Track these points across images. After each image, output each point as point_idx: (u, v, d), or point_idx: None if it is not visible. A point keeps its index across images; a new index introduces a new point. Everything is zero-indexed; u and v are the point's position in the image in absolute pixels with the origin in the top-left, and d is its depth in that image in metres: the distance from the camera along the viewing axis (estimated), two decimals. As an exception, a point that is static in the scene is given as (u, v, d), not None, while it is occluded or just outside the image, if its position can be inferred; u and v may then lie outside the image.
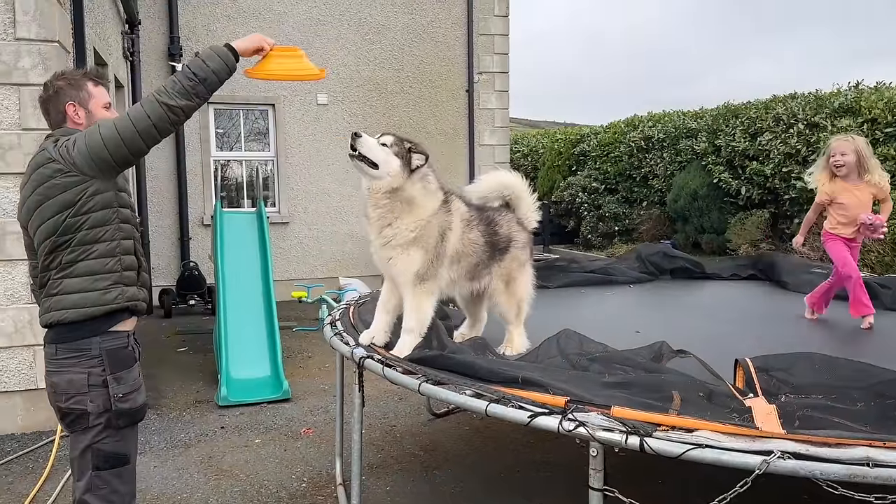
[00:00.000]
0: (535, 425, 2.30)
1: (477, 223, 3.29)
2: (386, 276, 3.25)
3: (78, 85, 2.64)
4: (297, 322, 8.69)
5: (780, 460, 1.93)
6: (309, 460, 4.57)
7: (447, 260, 3.14)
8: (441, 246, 3.09)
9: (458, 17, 11.37)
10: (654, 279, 5.63)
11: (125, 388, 2.57)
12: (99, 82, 2.71)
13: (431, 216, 3.07)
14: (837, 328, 4.23)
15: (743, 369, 2.73)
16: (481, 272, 3.35)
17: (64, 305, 2.53)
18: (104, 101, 2.70)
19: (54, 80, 2.67)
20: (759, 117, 12.03)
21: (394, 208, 3.02)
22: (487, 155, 11.66)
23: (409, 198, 3.03)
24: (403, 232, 3.02)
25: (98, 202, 2.51)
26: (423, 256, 3.04)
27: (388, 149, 3.00)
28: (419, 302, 3.08)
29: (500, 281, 3.45)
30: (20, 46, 4.89)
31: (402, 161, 3.01)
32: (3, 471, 4.44)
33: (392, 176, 2.99)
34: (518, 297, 3.51)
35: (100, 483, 2.56)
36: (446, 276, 3.17)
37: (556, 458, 4.46)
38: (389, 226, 3.03)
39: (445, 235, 3.11)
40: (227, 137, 10.83)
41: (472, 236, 3.25)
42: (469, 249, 3.23)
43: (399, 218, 3.02)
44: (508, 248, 3.43)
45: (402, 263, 3.04)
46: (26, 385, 5.05)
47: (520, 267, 3.50)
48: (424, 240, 3.04)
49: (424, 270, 3.05)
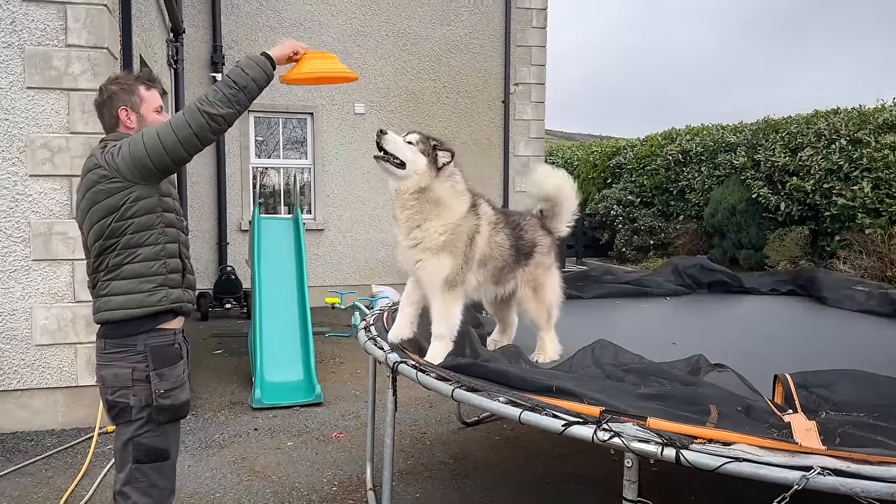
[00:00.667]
0: (570, 434, 2.28)
1: (503, 226, 3.27)
2: (412, 276, 3.24)
3: (130, 90, 2.71)
4: (330, 328, 8.76)
5: (821, 476, 1.89)
6: (340, 464, 4.60)
7: (475, 264, 3.12)
8: (470, 250, 3.07)
9: (495, 29, 11.42)
10: (691, 292, 5.56)
11: (167, 385, 2.62)
12: (151, 86, 2.77)
13: (461, 219, 3.05)
14: (880, 345, 4.13)
15: (782, 385, 2.68)
16: (506, 276, 3.34)
17: (111, 306, 2.61)
18: (155, 104, 2.76)
19: (108, 85, 2.74)
20: (799, 132, 11.84)
21: (422, 209, 3.00)
22: (522, 166, 11.65)
23: (438, 198, 3.01)
24: (433, 234, 3.00)
25: (141, 207, 2.57)
26: (452, 262, 3.02)
27: (413, 147, 2.99)
28: (447, 308, 3.06)
29: (527, 287, 3.43)
30: (70, 52, 5.04)
31: (428, 159, 2.99)
32: (43, 465, 4.55)
33: (419, 174, 2.97)
34: (547, 303, 3.49)
35: (139, 476, 2.62)
36: (473, 281, 3.16)
37: (587, 470, 4.42)
38: (418, 227, 3.01)
39: (474, 239, 3.09)
40: (265, 145, 11.00)
41: (499, 239, 3.23)
42: (496, 253, 3.21)
43: (428, 220, 3.00)
44: (533, 253, 3.42)
45: (431, 268, 3.02)
46: (67, 382, 5.17)
47: (546, 272, 3.49)
48: (454, 244, 3.02)
49: (454, 276, 3.03)
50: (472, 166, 11.20)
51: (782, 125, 12.47)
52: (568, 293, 5.22)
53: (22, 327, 5.08)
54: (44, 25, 4.98)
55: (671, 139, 15.47)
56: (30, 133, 5.01)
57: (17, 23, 4.94)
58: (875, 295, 4.86)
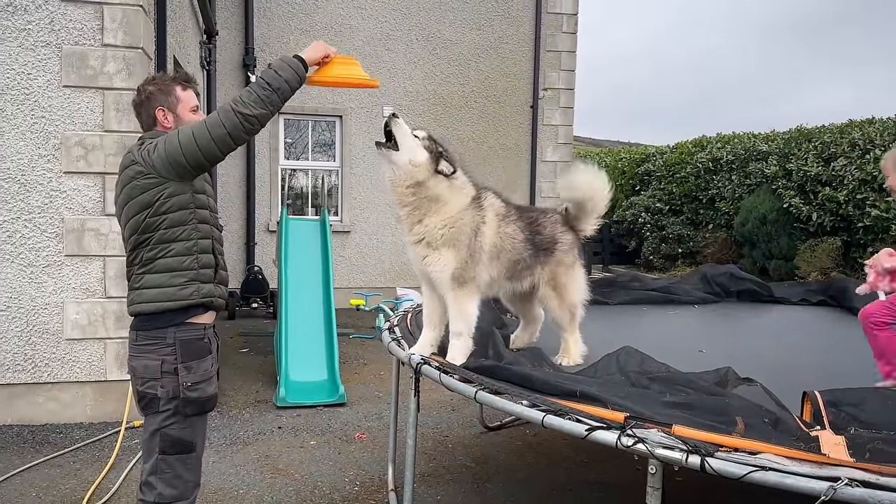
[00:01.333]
0: (593, 439, 2.27)
1: (515, 219, 3.23)
2: (424, 282, 3.21)
3: (167, 90, 2.76)
4: (354, 329, 8.80)
5: (848, 487, 1.85)
6: (362, 464, 4.61)
7: (485, 257, 3.09)
8: (475, 242, 3.04)
9: (525, 34, 11.40)
10: (719, 300, 5.49)
11: (194, 378, 2.66)
12: (188, 86, 2.82)
13: (461, 212, 3.04)
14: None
15: (811, 402, 2.63)
16: (522, 272, 3.29)
17: (144, 299, 2.66)
18: (192, 104, 2.81)
19: (146, 85, 2.81)
20: (833, 142, 11.65)
21: (420, 205, 3.01)
22: (549, 171, 11.61)
23: (436, 195, 3.01)
24: (434, 230, 3.01)
25: (174, 203, 2.62)
26: (455, 256, 3.00)
27: (419, 140, 3.00)
28: (461, 305, 3.06)
29: (548, 286, 3.38)
30: (106, 52, 5.13)
31: (430, 156, 2.99)
32: (71, 457, 4.62)
33: (414, 165, 2.96)
34: (570, 303, 3.43)
35: (164, 467, 2.66)
36: (486, 276, 3.12)
37: (610, 478, 4.38)
38: (419, 223, 3.02)
39: (479, 230, 3.06)
40: (294, 147, 11.10)
41: (510, 230, 3.19)
42: (507, 244, 3.17)
43: (428, 215, 3.01)
44: (553, 251, 3.36)
45: (437, 264, 3.02)
46: (96, 376, 5.26)
47: (567, 270, 3.42)
48: (456, 237, 3.01)
49: (461, 271, 3.01)
50: (500, 171, 11.21)
51: (815, 134, 12.28)
52: (594, 299, 5.20)
53: (53, 321, 5.18)
54: (81, 25, 5.09)
55: (702, 147, 15.31)
56: (65, 131, 5.11)
57: (55, 22, 5.05)
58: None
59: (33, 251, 5.12)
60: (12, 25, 4.99)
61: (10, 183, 5.05)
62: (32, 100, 5.05)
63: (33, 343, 5.15)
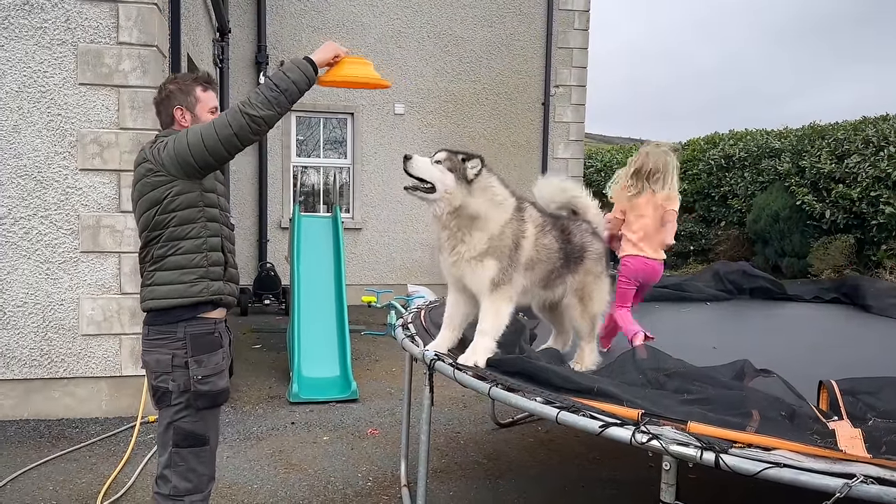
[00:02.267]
0: (607, 436, 2.27)
1: (550, 228, 3.23)
2: (452, 285, 3.19)
3: (187, 90, 2.80)
4: (366, 326, 8.83)
5: (864, 485, 1.85)
6: (374, 460, 4.63)
7: (522, 267, 3.09)
8: (515, 254, 3.03)
9: (537, 31, 11.39)
10: (732, 298, 5.47)
11: (205, 371, 2.70)
12: (208, 87, 2.86)
13: (504, 226, 3.01)
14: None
15: (827, 391, 2.64)
16: (555, 281, 3.30)
17: (155, 295, 2.71)
18: (210, 105, 2.85)
19: (167, 84, 2.85)
20: (846, 139, 11.55)
21: (462, 226, 2.97)
22: (561, 168, 11.60)
23: (475, 213, 2.96)
24: (477, 245, 2.98)
25: (183, 201, 2.67)
26: (497, 265, 2.98)
27: (440, 165, 2.95)
28: (497, 307, 3.03)
29: (574, 296, 3.37)
30: (122, 50, 5.17)
31: (456, 175, 2.94)
32: (87, 451, 4.67)
33: (449, 193, 2.93)
34: (592, 313, 3.44)
35: (178, 460, 2.70)
36: (520, 283, 3.12)
37: (623, 475, 4.38)
38: (462, 242, 2.99)
39: (519, 244, 3.05)
40: (305, 145, 11.14)
41: (546, 241, 3.19)
42: (543, 255, 3.17)
43: (469, 233, 2.97)
44: (583, 259, 3.36)
45: (476, 275, 3.00)
46: (111, 372, 5.31)
47: (595, 280, 3.42)
48: (499, 249, 2.99)
49: (500, 277, 3.00)
50: (511, 168, 11.20)
51: (829, 131, 12.18)
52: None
53: (69, 317, 5.23)
54: (97, 24, 5.13)
55: (714, 144, 15.21)
56: (81, 128, 5.15)
57: (71, 21, 5.09)
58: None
59: (49, 247, 5.17)
60: (28, 24, 5.04)
61: (27, 180, 5.11)
62: (49, 97, 5.10)
63: (49, 339, 5.21)
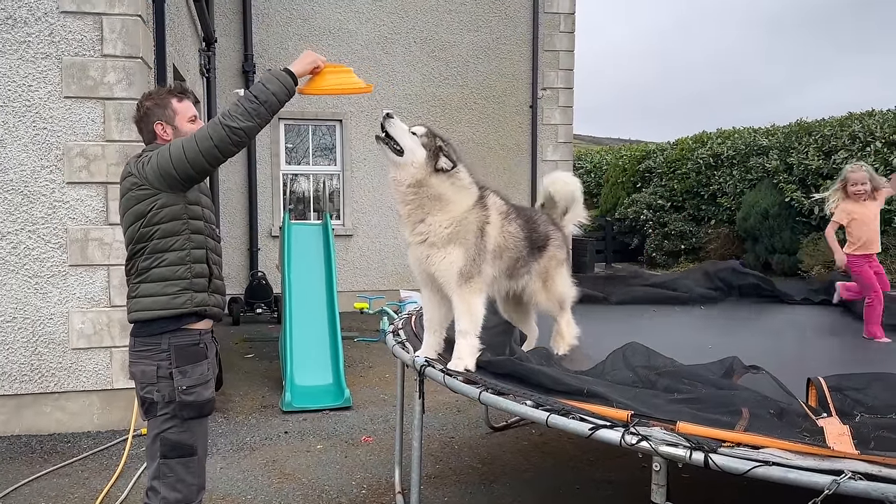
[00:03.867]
0: (597, 438, 2.28)
1: (515, 217, 3.27)
2: (423, 284, 3.19)
3: (163, 104, 2.82)
4: (359, 332, 8.82)
5: (851, 481, 1.87)
6: (368, 467, 4.62)
7: (489, 255, 3.09)
8: (481, 241, 3.04)
9: (523, 34, 11.42)
10: (722, 297, 5.49)
11: (189, 381, 2.70)
12: (183, 97, 2.87)
13: (466, 212, 3.02)
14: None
15: (815, 388, 2.66)
16: (520, 270, 3.33)
17: (140, 307, 2.73)
18: (189, 115, 2.86)
19: (143, 101, 2.87)
20: (833, 135, 11.64)
21: (423, 204, 2.98)
22: (550, 170, 11.49)
23: (438, 194, 2.98)
24: (437, 229, 2.98)
25: (166, 214, 2.69)
26: (463, 253, 2.98)
27: (416, 138, 2.97)
28: (469, 302, 3.02)
29: (538, 280, 3.45)
30: (106, 62, 5.16)
31: (428, 153, 2.96)
32: (79, 466, 4.64)
33: (415, 166, 2.95)
34: (558, 294, 3.52)
35: (166, 471, 2.70)
36: (489, 273, 3.12)
37: (617, 476, 4.39)
38: (422, 222, 3.00)
39: (484, 230, 3.06)
40: (295, 152, 11.13)
41: (512, 229, 3.22)
42: (510, 243, 3.20)
43: (431, 214, 2.98)
44: (546, 246, 3.45)
45: (443, 263, 3.00)
46: (103, 385, 5.28)
47: (558, 265, 3.52)
48: (462, 236, 2.99)
49: (468, 268, 2.99)
50: (501, 171, 11.23)
51: (815, 128, 12.27)
52: (595, 297, 5.20)
53: (59, 331, 5.20)
54: (80, 36, 5.11)
55: (702, 143, 15.30)
56: (67, 141, 5.13)
57: (55, 34, 5.07)
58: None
59: (38, 262, 5.14)
60: (12, 38, 5.02)
61: (14, 194, 5.08)
62: (34, 111, 5.08)
63: (39, 353, 5.18)
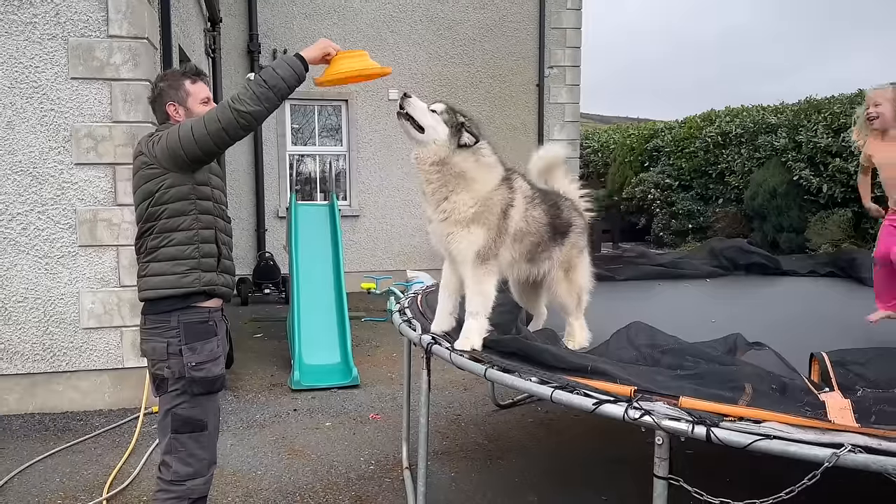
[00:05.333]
0: (601, 413, 2.30)
1: (540, 202, 3.21)
2: (446, 255, 3.18)
3: (177, 85, 2.87)
4: (366, 312, 8.87)
5: (851, 454, 1.88)
6: (376, 444, 4.69)
7: (509, 238, 3.06)
8: (504, 223, 3.00)
9: (530, 12, 11.34)
10: (728, 274, 5.50)
11: (199, 358, 2.75)
12: (196, 79, 2.92)
13: (492, 191, 2.97)
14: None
15: (818, 363, 2.67)
16: (541, 255, 3.27)
17: (149, 286, 2.78)
18: (202, 97, 2.90)
19: (157, 83, 2.93)
20: (843, 112, 11.53)
21: (447, 182, 2.93)
22: (557, 150, 11.58)
23: (462, 172, 2.93)
24: (462, 207, 2.93)
25: (174, 194, 2.73)
26: (485, 235, 2.95)
27: (437, 116, 2.92)
28: (481, 283, 3.00)
29: (560, 269, 3.37)
30: (112, 43, 5.17)
31: (451, 130, 2.90)
32: (91, 443, 4.72)
33: (437, 144, 2.89)
34: (578, 287, 3.44)
35: (178, 445, 2.76)
36: (507, 256, 3.09)
37: (622, 453, 4.42)
38: (446, 199, 2.94)
39: (508, 213, 3.01)
40: (301, 133, 11.13)
41: (536, 214, 3.17)
42: (532, 227, 3.15)
43: (455, 192, 2.93)
44: (568, 233, 3.36)
45: (463, 242, 2.96)
46: (114, 364, 5.35)
47: (579, 254, 3.44)
48: (485, 217, 2.95)
49: (486, 250, 2.96)
50: (507, 151, 11.02)
51: (825, 105, 12.15)
52: (601, 275, 5.21)
53: (70, 311, 5.26)
54: (86, 17, 5.12)
55: (710, 121, 15.18)
56: (74, 122, 5.16)
57: (61, 15, 5.08)
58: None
59: (47, 242, 5.19)
60: (18, 19, 5.03)
61: (23, 175, 5.12)
62: (41, 93, 5.10)
63: (51, 333, 5.24)
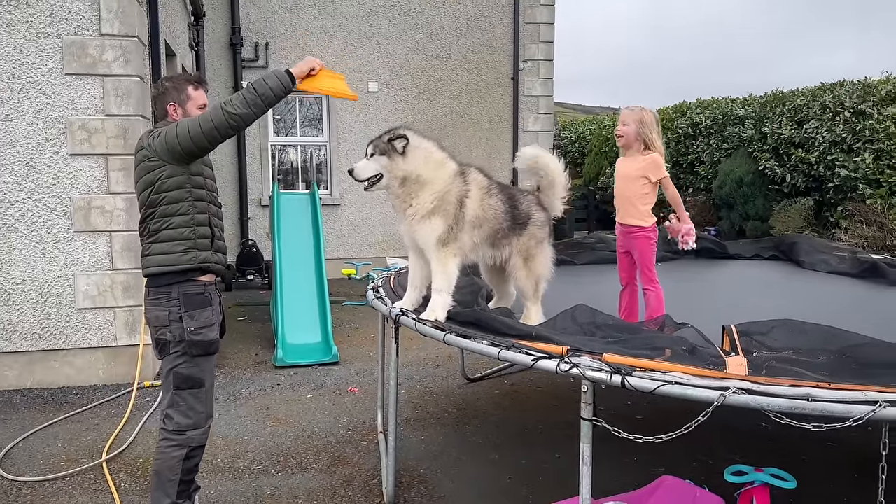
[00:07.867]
0: (538, 368, 2.72)
1: (497, 192, 3.63)
2: (411, 248, 3.64)
3: (180, 88, 3.29)
4: (347, 297, 9.25)
5: (735, 395, 2.31)
6: (354, 413, 5.10)
7: (468, 224, 3.49)
8: (460, 211, 3.45)
9: (504, 7, 11.71)
10: (678, 258, 5.94)
11: (197, 324, 3.16)
12: (199, 87, 3.33)
13: (447, 184, 3.44)
14: (835, 300, 4.51)
15: (728, 334, 3.11)
16: (501, 241, 3.68)
17: (152, 263, 3.20)
18: (200, 102, 3.32)
19: (163, 82, 3.36)
20: (805, 105, 12.02)
21: (410, 190, 3.42)
22: (531, 141, 11.96)
23: (416, 176, 3.40)
24: (423, 204, 3.41)
25: (172, 183, 3.14)
26: (443, 222, 3.41)
27: (373, 157, 3.41)
28: (444, 263, 3.45)
29: (519, 257, 3.76)
30: (104, 41, 5.50)
31: (388, 156, 3.40)
32: (89, 414, 5.09)
33: (389, 171, 3.39)
34: (536, 275, 3.81)
35: (179, 400, 3.17)
36: (469, 241, 3.52)
37: (576, 418, 4.84)
38: (411, 205, 3.44)
39: (463, 203, 3.46)
40: (283, 123, 11.45)
41: (493, 202, 3.59)
42: (489, 214, 3.57)
43: (415, 196, 3.42)
44: (527, 225, 3.75)
45: (426, 230, 3.43)
46: (107, 342, 5.71)
47: (538, 245, 3.79)
48: (444, 208, 3.42)
49: (447, 235, 3.43)
50: (483, 142, 11.60)
51: (789, 98, 12.64)
52: (563, 259, 5.63)
53: (66, 293, 5.61)
54: (79, 16, 5.44)
55: (681, 112, 15.64)
56: (69, 116, 5.49)
57: (55, 14, 5.40)
58: (846, 259, 5.24)
59: (44, 228, 5.53)
60: (15, 18, 5.34)
61: (21, 165, 5.45)
62: (37, 88, 5.42)
63: (48, 313, 5.59)
